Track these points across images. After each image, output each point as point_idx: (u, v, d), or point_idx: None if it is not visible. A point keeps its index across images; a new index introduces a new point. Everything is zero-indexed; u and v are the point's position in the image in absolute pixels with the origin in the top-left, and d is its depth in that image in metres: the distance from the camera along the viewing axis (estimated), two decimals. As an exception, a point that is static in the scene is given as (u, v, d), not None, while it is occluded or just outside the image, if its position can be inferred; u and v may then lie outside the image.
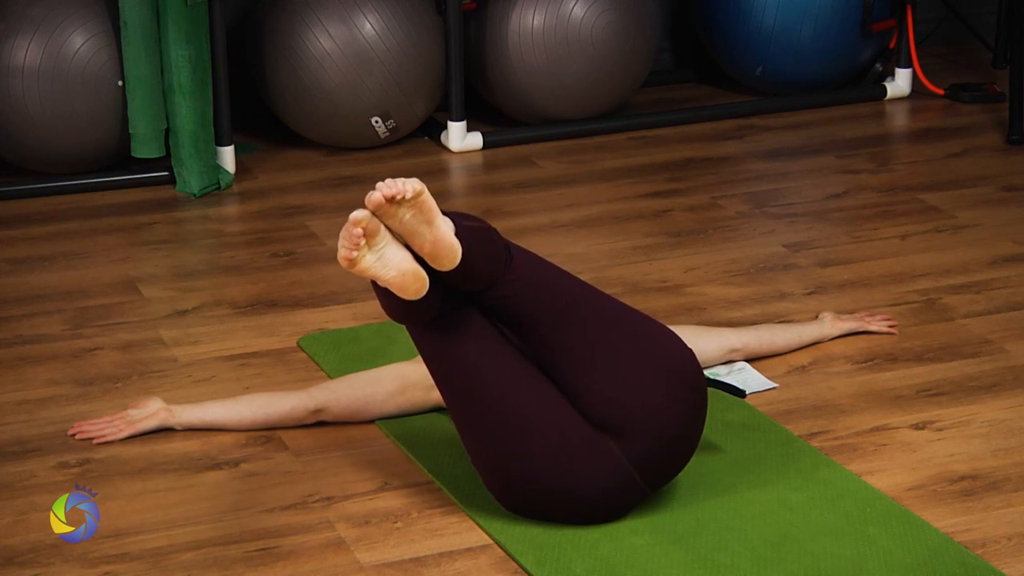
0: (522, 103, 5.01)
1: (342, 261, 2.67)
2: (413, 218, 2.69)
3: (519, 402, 2.81)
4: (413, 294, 2.71)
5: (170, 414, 3.22)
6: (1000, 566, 2.75)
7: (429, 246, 2.70)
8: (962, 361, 3.52)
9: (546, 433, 2.79)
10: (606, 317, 2.87)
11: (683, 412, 2.85)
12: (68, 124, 4.48)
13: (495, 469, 2.85)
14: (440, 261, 2.72)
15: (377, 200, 2.65)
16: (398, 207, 2.67)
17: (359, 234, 2.65)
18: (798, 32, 5.17)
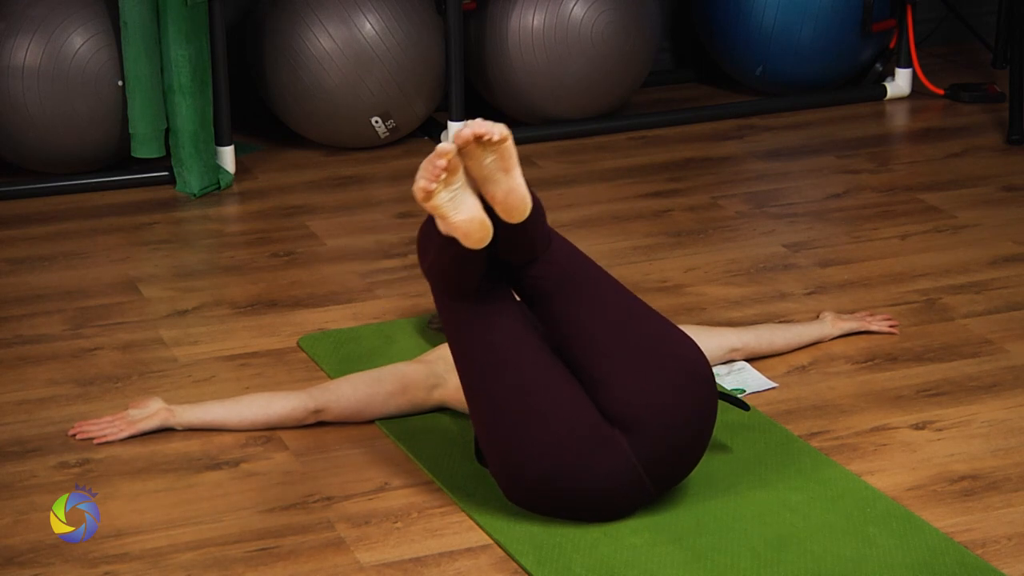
0: (522, 103, 5.01)
1: (419, 192, 2.66)
2: (493, 163, 2.69)
3: (537, 389, 2.80)
4: (476, 243, 2.70)
5: (171, 414, 3.22)
6: (1000, 566, 2.75)
7: (503, 194, 2.70)
8: (962, 361, 3.52)
9: (560, 423, 2.79)
10: (633, 312, 2.88)
11: (697, 415, 2.86)
12: (68, 124, 4.48)
13: (504, 455, 2.84)
14: (511, 212, 2.71)
15: (467, 136, 2.64)
16: (483, 149, 2.67)
17: (442, 166, 2.64)
18: (798, 32, 5.17)
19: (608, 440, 2.80)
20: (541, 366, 2.83)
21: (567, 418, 2.80)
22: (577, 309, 2.85)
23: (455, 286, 2.82)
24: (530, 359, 2.83)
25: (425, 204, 2.68)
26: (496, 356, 2.82)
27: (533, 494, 2.85)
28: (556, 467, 2.80)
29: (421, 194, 2.67)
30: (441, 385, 3.24)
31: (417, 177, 2.67)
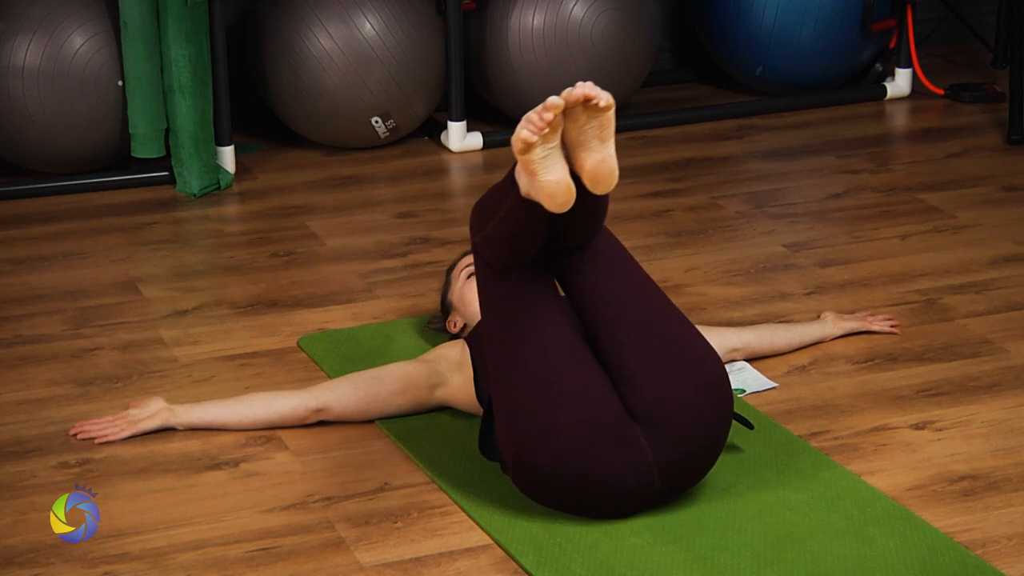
0: (522, 103, 5.01)
1: (518, 143, 2.64)
2: (591, 130, 2.68)
3: (570, 371, 2.81)
4: (558, 205, 2.69)
5: (171, 414, 3.22)
6: (1000, 566, 2.75)
7: (594, 163, 2.69)
8: (962, 361, 3.52)
9: (587, 408, 2.79)
10: (665, 312, 2.90)
11: (716, 422, 2.88)
12: (68, 124, 4.48)
13: (523, 433, 2.83)
14: (597, 182, 2.71)
15: (577, 95, 2.63)
16: (586, 113, 2.66)
17: (548, 119, 2.63)
18: (798, 32, 5.17)
19: (629, 436, 2.80)
20: (576, 352, 2.83)
21: (594, 406, 2.80)
22: (614, 302, 2.86)
23: (512, 253, 2.81)
24: (567, 343, 2.83)
25: (521, 156, 2.66)
26: (534, 334, 2.82)
27: (542, 479, 2.84)
28: (573, 453, 2.79)
29: (520, 144, 2.64)
30: (442, 384, 3.24)
31: (519, 128, 2.64)
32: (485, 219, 2.82)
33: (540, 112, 2.63)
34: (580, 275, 2.87)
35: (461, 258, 3.52)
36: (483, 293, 2.89)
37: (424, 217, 4.42)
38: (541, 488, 2.87)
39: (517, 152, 2.66)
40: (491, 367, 2.89)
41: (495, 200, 2.80)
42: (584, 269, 2.87)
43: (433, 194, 4.62)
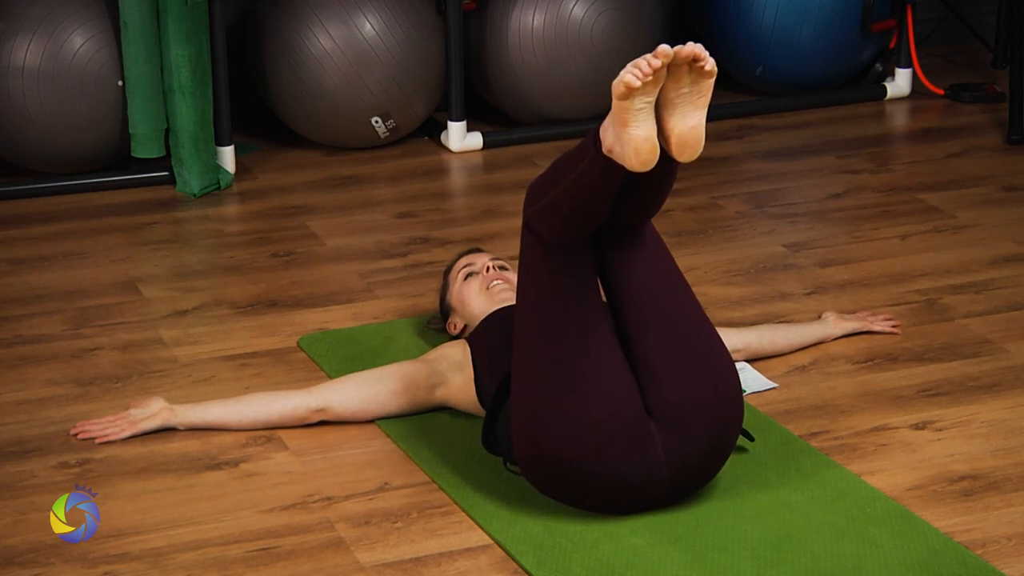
0: (522, 103, 5.01)
1: (620, 86, 2.61)
2: (689, 95, 2.67)
3: (593, 364, 2.81)
4: (641, 163, 2.66)
5: (172, 414, 3.22)
6: (1000, 566, 2.75)
7: (684, 128, 2.68)
8: (962, 361, 3.52)
9: (609, 396, 2.79)
10: (697, 313, 2.91)
11: (729, 428, 2.89)
12: (68, 124, 4.48)
13: (536, 422, 2.82)
14: (683, 149, 2.70)
15: (688, 52, 2.61)
16: (689, 75, 2.64)
17: (656, 66, 2.60)
18: (798, 32, 5.17)
19: (645, 433, 2.81)
20: (607, 344, 2.83)
21: (616, 399, 2.80)
22: (651, 294, 2.87)
23: (572, 223, 2.79)
24: (601, 333, 2.83)
25: (619, 102, 2.63)
26: (570, 319, 2.82)
27: (551, 463, 2.83)
28: (588, 441, 2.79)
29: (623, 88, 2.61)
30: (443, 384, 3.24)
31: (623, 72, 2.61)
32: (550, 185, 2.79)
33: (648, 58, 2.60)
34: (622, 262, 2.87)
35: (458, 259, 3.51)
36: (525, 271, 2.88)
37: (424, 217, 4.42)
38: (547, 474, 2.86)
39: (617, 97, 2.62)
40: (519, 347, 2.88)
41: (568, 163, 2.77)
42: (628, 257, 2.87)
43: (433, 194, 4.62)
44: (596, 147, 2.71)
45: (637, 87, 2.61)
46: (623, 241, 2.87)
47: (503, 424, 2.95)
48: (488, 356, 3.15)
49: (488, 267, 3.42)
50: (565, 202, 2.77)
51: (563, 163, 2.80)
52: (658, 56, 2.60)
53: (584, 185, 2.74)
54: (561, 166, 2.80)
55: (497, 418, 2.97)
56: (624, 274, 2.87)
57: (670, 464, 2.83)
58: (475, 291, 3.39)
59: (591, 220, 2.80)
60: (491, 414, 2.98)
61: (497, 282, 3.38)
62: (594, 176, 2.73)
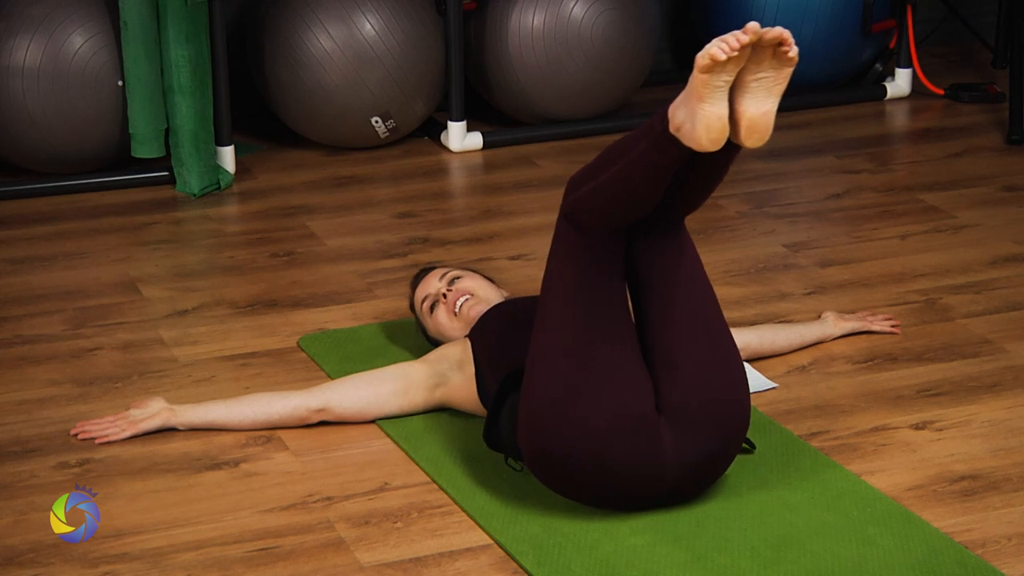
0: (522, 103, 5.01)
1: (705, 58, 2.59)
2: (767, 79, 2.66)
3: (611, 356, 2.81)
4: (710, 142, 2.65)
5: (172, 414, 3.22)
6: (1000, 566, 2.75)
7: (756, 113, 2.66)
8: (962, 361, 3.52)
9: (623, 389, 2.80)
10: (718, 313, 2.91)
11: (736, 433, 2.90)
12: (68, 124, 4.48)
13: (546, 405, 2.82)
14: (751, 134, 2.68)
15: (775, 34, 2.60)
16: (770, 60, 2.63)
17: (745, 41, 2.59)
18: (798, 32, 5.16)
19: (654, 429, 2.81)
20: (629, 339, 2.84)
21: (631, 391, 2.80)
22: (678, 289, 2.87)
23: (620, 208, 2.78)
24: (624, 326, 2.83)
25: (701, 75, 2.61)
26: (596, 309, 2.82)
27: (557, 453, 2.83)
28: (597, 432, 2.79)
29: (707, 61, 2.59)
30: (443, 384, 3.24)
31: (709, 45, 2.59)
32: (601, 169, 2.78)
33: (737, 34, 2.59)
34: (654, 257, 2.87)
35: (414, 292, 3.48)
36: (556, 262, 2.87)
37: (424, 217, 4.42)
38: (552, 465, 2.86)
39: (700, 70, 2.60)
40: (539, 335, 2.87)
41: (624, 146, 2.76)
42: (660, 252, 2.87)
43: (433, 194, 4.62)
44: (663, 125, 2.70)
45: (722, 60, 2.59)
46: (657, 236, 2.86)
47: (506, 418, 2.95)
48: (489, 352, 3.15)
49: (442, 293, 3.39)
50: (617, 186, 2.76)
51: (618, 147, 2.78)
52: (747, 32, 2.59)
53: (643, 166, 2.73)
54: (615, 150, 2.78)
55: (500, 412, 2.97)
56: (654, 269, 2.87)
57: (676, 463, 2.83)
58: (445, 319, 3.37)
59: (640, 207, 2.79)
60: (494, 408, 2.98)
61: (460, 300, 3.36)
62: (655, 157, 2.72)
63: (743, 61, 2.62)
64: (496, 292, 3.40)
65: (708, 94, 2.62)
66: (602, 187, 2.77)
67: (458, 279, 3.40)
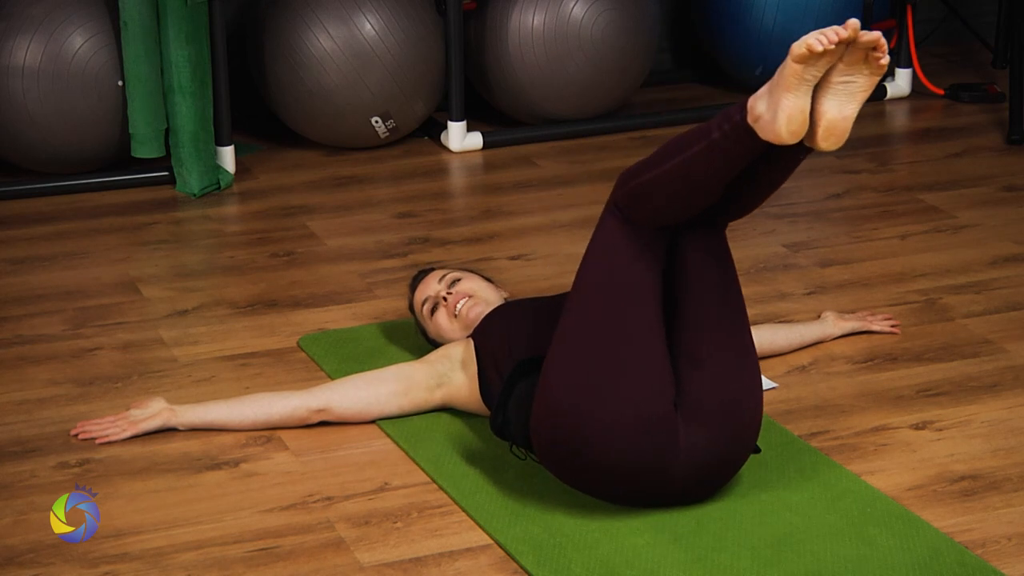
0: (522, 103, 5.01)
1: (802, 47, 2.59)
2: (851, 84, 2.66)
3: (640, 345, 2.82)
4: (788, 134, 2.65)
5: (173, 414, 3.22)
6: (1000, 566, 2.75)
7: (837, 115, 2.67)
8: (962, 361, 3.52)
9: (639, 384, 2.80)
10: (746, 320, 2.92)
11: (749, 437, 2.91)
12: (68, 124, 4.48)
13: (566, 391, 2.82)
14: (829, 136, 2.69)
15: (874, 37, 2.61)
16: (863, 63, 2.64)
17: (844, 36, 2.59)
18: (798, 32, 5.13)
19: (671, 425, 2.81)
20: (658, 332, 2.84)
21: (653, 386, 2.81)
22: (713, 291, 2.87)
23: (679, 202, 2.78)
24: (655, 320, 2.84)
25: (794, 64, 2.61)
26: (631, 302, 2.82)
27: (569, 440, 2.83)
28: (613, 422, 2.79)
29: (804, 50, 2.58)
30: (444, 384, 3.24)
31: (807, 36, 2.59)
32: (661, 161, 2.78)
33: (837, 28, 2.60)
34: (694, 256, 2.87)
35: (413, 294, 3.48)
36: (597, 252, 2.87)
37: (424, 217, 4.42)
38: (563, 453, 2.86)
39: (794, 59, 2.60)
40: (567, 321, 2.88)
41: (690, 138, 2.76)
42: (700, 251, 2.87)
43: (433, 194, 4.62)
44: (741, 115, 2.70)
45: (819, 51, 2.59)
46: (700, 239, 2.87)
47: (515, 406, 2.95)
48: (493, 352, 3.15)
49: (443, 295, 3.39)
50: (678, 178, 2.76)
51: (680, 140, 2.79)
52: (847, 27, 2.59)
53: (711, 158, 2.73)
54: (677, 143, 2.78)
55: (509, 399, 2.97)
56: (693, 271, 2.87)
57: (688, 463, 2.83)
58: (446, 322, 3.37)
59: (698, 202, 2.79)
60: (503, 395, 2.98)
61: (460, 302, 3.36)
62: (727, 146, 2.72)
63: (835, 59, 2.63)
64: (496, 293, 3.40)
65: (796, 85, 2.62)
66: (663, 178, 2.77)
67: (458, 281, 3.40)
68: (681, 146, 2.77)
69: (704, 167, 2.74)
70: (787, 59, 2.61)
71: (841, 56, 2.63)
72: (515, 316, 3.21)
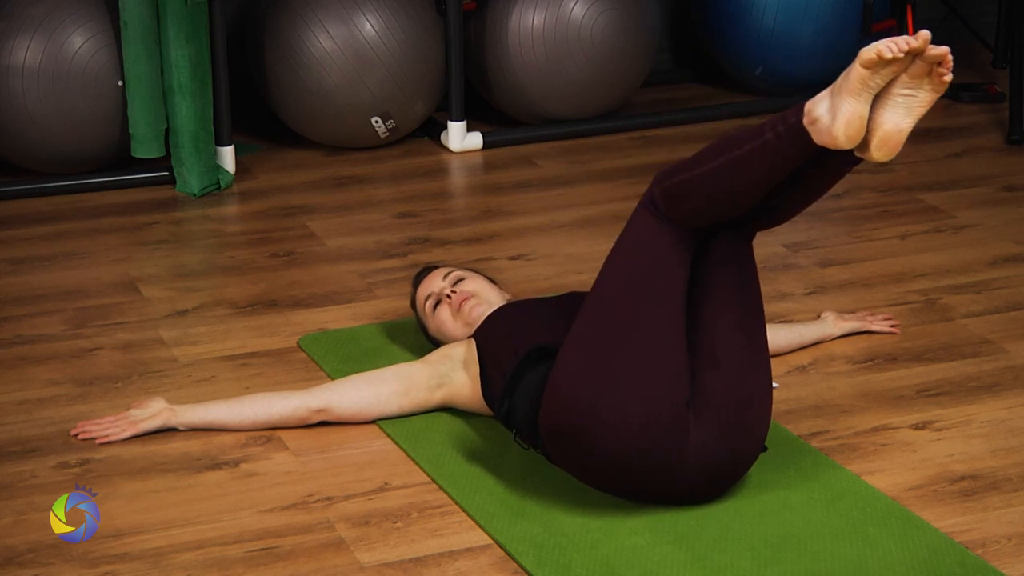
0: (522, 103, 5.01)
1: (871, 53, 2.61)
2: (914, 98, 2.69)
3: (659, 340, 2.82)
4: (845, 138, 2.69)
5: (173, 414, 3.22)
6: (1000, 566, 2.75)
7: (893, 127, 2.70)
8: (962, 361, 3.52)
9: (655, 378, 2.80)
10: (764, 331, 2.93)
11: (757, 439, 2.91)
12: (68, 124, 4.48)
13: (580, 378, 2.82)
14: (883, 147, 2.72)
15: (941, 52, 2.63)
16: (926, 78, 2.66)
17: (914, 46, 2.61)
18: (798, 32, 5.17)
19: (683, 422, 2.82)
20: (680, 327, 2.85)
21: (669, 381, 2.81)
22: (735, 290, 2.89)
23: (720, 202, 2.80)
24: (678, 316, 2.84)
25: (861, 69, 2.64)
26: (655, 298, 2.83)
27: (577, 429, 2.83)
28: (625, 413, 2.79)
29: (872, 55, 2.61)
30: (445, 385, 3.23)
31: (877, 42, 2.62)
32: (707, 159, 2.79)
33: (907, 38, 2.62)
34: (724, 258, 2.89)
35: (416, 290, 3.48)
36: (627, 245, 2.88)
37: (424, 217, 4.42)
38: (570, 444, 2.86)
39: (863, 63, 2.63)
40: (587, 311, 2.88)
41: (740, 138, 2.77)
42: (726, 251, 2.88)
43: (433, 194, 4.62)
44: (797, 117, 2.72)
45: (888, 58, 2.62)
46: (730, 242, 2.89)
47: (522, 394, 2.96)
48: (496, 353, 3.14)
49: (447, 293, 3.39)
50: (724, 178, 2.78)
51: (727, 141, 2.80)
52: (917, 38, 2.61)
53: (761, 158, 2.75)
54: (724, 143, 2.79)
55: (517, 386, 2.97)
56: (719, 272, 2.89)
57: (696, 462, 2.83)
58: (449, 320, 3.37)
59: (740, 203, 2.81)
60: (511, 381, 2.98)
61: (464, 303, 3.36)
62: (779, 148, 2.74)
63: (900, 69, 2.66)
64: (498, 294, 3.40)
65: (859, 90, 2.65)
66: (706, 177, 2.79)
67: (461, 280, 3.40)
68: (729, 146, 2.78)
69: (752, 168, 2.76)
70: (854, 63, 2.64)
71: (906, 68, 2.65)
72: (518, 316, 3.21)
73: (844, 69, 2.67)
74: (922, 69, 2.65)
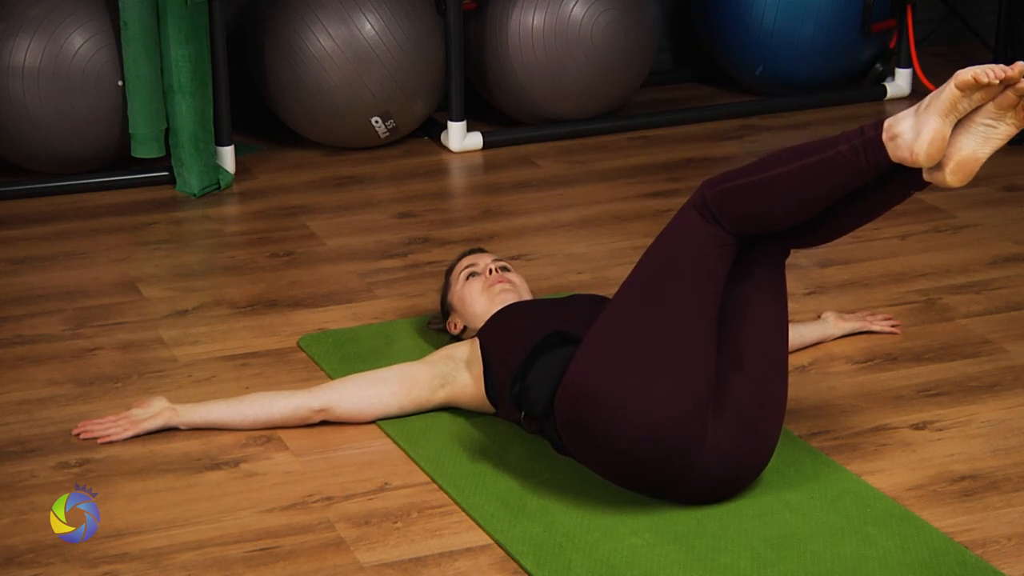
0: (522, 103, 5.01)
1: (967, 75, 2.70)
2: (993, 130, 2.74)
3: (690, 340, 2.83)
4: (925, 156, 2.72)
5: (174, 413, 3.22)
6: (1000, 566, 2.75)
7: (971, 153, 2.74)
8: (962, 361, 3.52)
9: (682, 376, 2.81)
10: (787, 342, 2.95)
11: (770, 443, 2.92)
12: (68, 124, 4.48)
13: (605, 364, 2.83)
14: (958, 172, 2.75)
15: None
16: (1010, 111, 2.71)
17: (1010, 75, 2.67)
18: (798, 32, 5.17)
19: (702, 422, 2.82)
20: (711, 329, 2.86)
21: (694, 381, 2.81)
22: (765, 299, 2.90)
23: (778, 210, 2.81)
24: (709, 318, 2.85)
25: (955, 90, 2.71)
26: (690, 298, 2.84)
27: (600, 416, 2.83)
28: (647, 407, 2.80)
29: (968, 78, 2.69)
30: (446, 385, 3.24)
31: (974, 67, 2.70)
32: (768, 167, 2.81)
33: (1003, 66, 2.68)
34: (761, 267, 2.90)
35: (460, 259, 3.52)
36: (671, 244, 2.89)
37: (424, 217, 4.42)
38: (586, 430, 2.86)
39: (958, 85, 2.70)
40: (619, 303, 2.89)
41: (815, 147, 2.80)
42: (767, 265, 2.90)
43: (433, 194, 4.62)
44: (876, 132, 2.75)
45: (984, 83, 2.68)
46: (769, 253, 2.91)
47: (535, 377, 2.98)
48: (501, 351, 3.15)
49: (491, 269, 3.42)
50: (789, 186, 2.80)
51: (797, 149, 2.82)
52: (1014, 68, 2.68)
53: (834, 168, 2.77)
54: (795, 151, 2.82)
55: (531, 368, 2.98)
56: (754, 280, 2.90)
57: (711, 462, 2.84)
58: (476, 292, 3.40)
59: (798, 212, 2.82)
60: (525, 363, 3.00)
61: (499, 284, 3.38)
62: (853, 160, 2.76)
63: (991, 96, 2.71)
64: (529, 296, 3.44)
65: (948, 111, 2.72)
66: (769, 182, 2.81)
67: (507, 270, 3.45)
68: (797, 155, 2.81)
69: (820, 178, 2.79)
70: (948, 83, 2.71)
71: (995, 96, 2.71)
72: (526, 315, 3.21)
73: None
74: (1009, 100, 2.71)
